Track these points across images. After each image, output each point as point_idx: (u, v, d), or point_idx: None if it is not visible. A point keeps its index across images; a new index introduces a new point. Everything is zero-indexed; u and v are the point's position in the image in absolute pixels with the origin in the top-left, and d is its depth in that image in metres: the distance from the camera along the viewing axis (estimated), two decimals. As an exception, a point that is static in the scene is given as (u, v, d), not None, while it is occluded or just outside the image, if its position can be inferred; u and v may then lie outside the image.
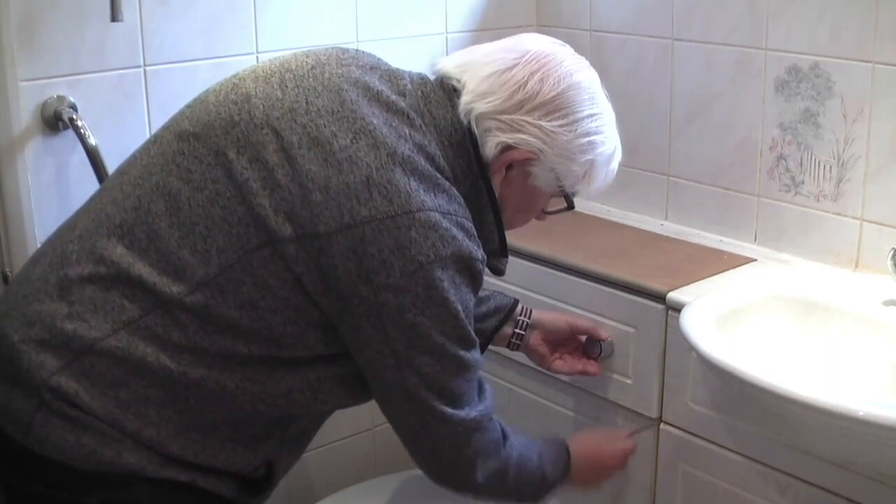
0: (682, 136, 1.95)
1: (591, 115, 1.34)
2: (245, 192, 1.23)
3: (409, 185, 1.23)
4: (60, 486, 1.24)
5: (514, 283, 1.90)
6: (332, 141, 1.23)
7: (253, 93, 1.28)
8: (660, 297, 1.67)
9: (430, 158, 1.27)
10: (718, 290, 1.66)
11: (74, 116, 1.62)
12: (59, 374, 1.22)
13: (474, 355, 1.32)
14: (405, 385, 1.27)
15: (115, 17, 1.58)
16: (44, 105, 1.62)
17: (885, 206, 1.68)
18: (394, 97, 1.30)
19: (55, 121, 1.63)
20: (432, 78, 1.36)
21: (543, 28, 2.13)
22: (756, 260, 1.81)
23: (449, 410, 1.29)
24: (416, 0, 1.99)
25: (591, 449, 1.60)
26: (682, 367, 1.65)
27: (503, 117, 1.30)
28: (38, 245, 1.66)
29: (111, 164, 1.63)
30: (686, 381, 1.65)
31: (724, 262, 1.80)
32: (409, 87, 1.33)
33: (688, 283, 1.69)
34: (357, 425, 2.13)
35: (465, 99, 1.31)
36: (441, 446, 1.33)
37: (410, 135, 1.27)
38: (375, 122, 1.25)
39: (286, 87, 1.28)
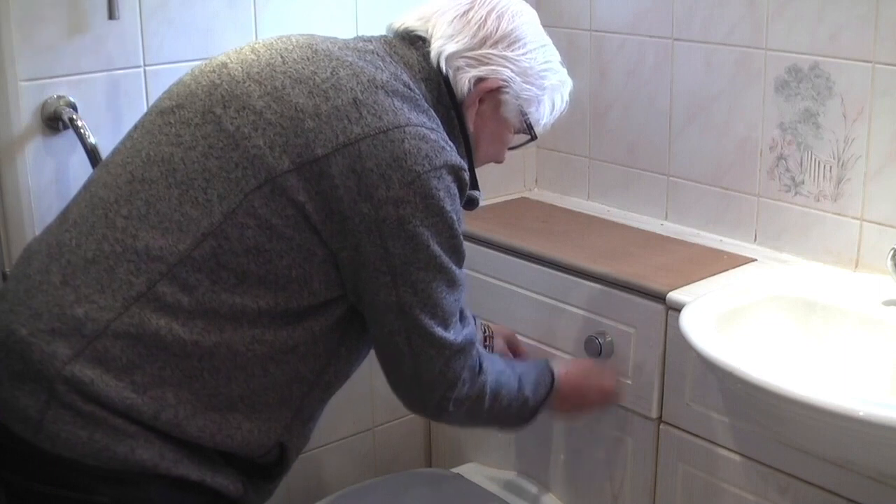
0: (682, 136, 1.95)
1: (544, 45, 1.47)
2: (238, 137, 1.27)
3: (394, 103, 1.30)
4: (72, 485, 1.24)
5: (515, 283, 1.91)
6: (313, 77, 1.30)
7: (227, 61, 1.36)
8: (660, 297, 1.67)
9: (407, 85, 1.35)
10: (718, 290, 1.66)
11: (74, 116, 1.62)
12: (72, 362, 1.22)
13: (462, 273, 1.37)
14: (400, 303, 1.31)
15: (112, 14, 1.58)
16: (44, 105, 1.62)
17: (885, 206, 1.68)
18: (361, 44, 1.40)
19: (55, 121, 1.63)
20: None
21: (543, 28, 2.12)
22: (756, 260, 1.81)
23: (438, 331, 1.33)
24: (415, 0, 1.99)
25: (576, 379, 1.64)
26: (682, 367, 1.65)
27: (471, 54, 1.40)
28: (38, 245, 1.66)
29: (111, 164, 1.63)
30: (686, 381, 1.65)
31: (724, 262, 1.80)
32: (372, 38, 1.43)
33: (688, 283, 1.69)
34: (357, 425, 2.13)
35: (435, 44, 1.40)
36: (423, 368, 1.36)
37: (384, 67, 1.35)
38: (350, 59, 1.34)
39: (258, 51, 1.36)
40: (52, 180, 1.66)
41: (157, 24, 1.70)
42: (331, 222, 1.27)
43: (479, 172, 1.48)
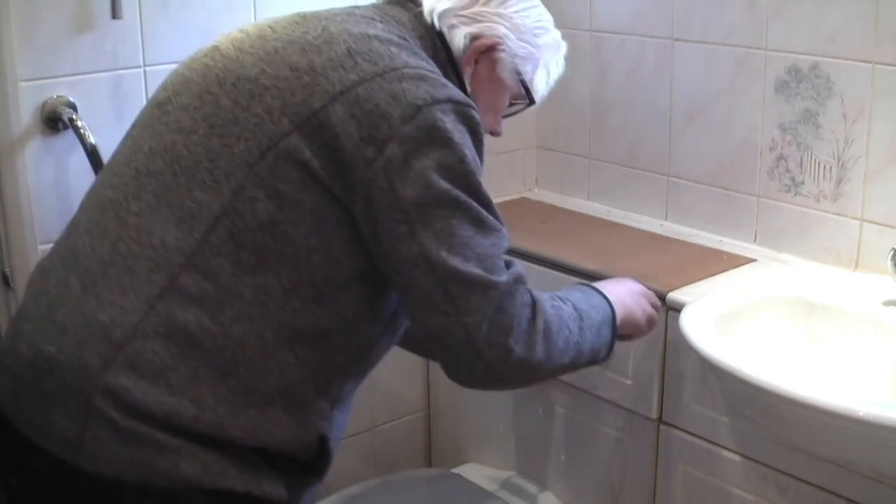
0: (682, 136, 1.95)
1: (535, 6, 1.45)
2: (236, 110, 1.24)
3: (390, 50, 1.27)
4: None
5: (514, 283, 1.91)
6: (304, 36, 1.28)
7: (219, 44, 1.34)
8: (660, 298, 1.66)
9: (402, 37, 1.32)
10: (718, 290, 1.66)
11: (74, 116, 1.62)
12: (105, 372, 1.17)
13: (492, 216, 1.26)
14: (422, 252, 1.21)
15: (115, 14, 1.58)
16: (44, 105, 1.62)
17: (885, 206, 1.68)
18: (349, 9, 1.37)
19: (55, 121, 1.63)
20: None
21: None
22: (756, 260, 1.81)
23: (475, 271, 1.22)
24: None
25: (625, 299, 1.50)
26: (682, 367, 1.65)
27: (464, 12, 1.38)
28: (39, 245, 1.66)
29: (111, 164, 1.63)
30: (686, 381, 1.65)
31: (723, 262, 1.80)
32: (360, 5, 1.41)
33: (688, 283, 1.69)
34: (357, 425, 2.13)
35: (427, 2, 1.38)
36: (474, 323, 1.23)
37: (375, 24, 1.33)
38: (339, 18, 1.32)
39: (247, 30, 1.34)
40: (52, 180, 1.66)
41: (157, 24, 1.70)
42: (339, 176, 1.21)
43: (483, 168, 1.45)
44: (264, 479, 1.24)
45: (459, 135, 1.24)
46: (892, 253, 1.56)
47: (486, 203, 1.26)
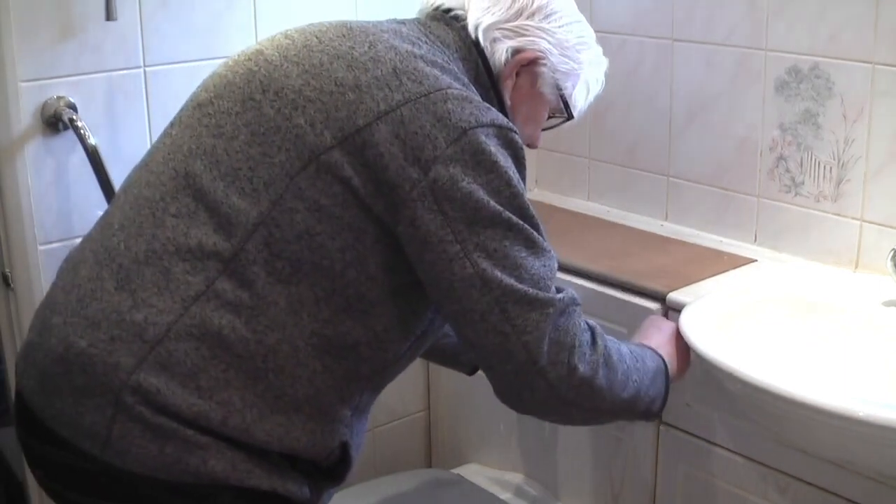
0: (682, 136, 1.95)
1: (579, 21, 1.45)
2: (279, 119, 1.24)
3: (434, 71, 1.27)
4: (142, 502, 1.21)
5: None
6: (351, 52, 1.27)
7: (262, 48, 1.33)
8: (659, 298, 1.67)
9: (447, 61, 1.32)
10: (718, 290, 1.66)
11: (74, 117, 1.62)
12: (137, 371, 1.17)
13: (543, 238, 1.27)
14: (477, 273, 1.21)
15: (109, 15, 1.58)
16: (44, 105, 1.62)
17: (885, 206, 1.68)
18: (395, 25, 1.36)
19: (55, 121, 1.63)
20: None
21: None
22: (756, 260, 1.81)
23: (531, 290, 1.23)
24: (417, 2, 1.99)
25: (673, 346, 1.51)
26: (682, 368, 1.65)
27: (507, 25, 1.38)
28: (39, 245, 1.66)
29: (111, 165, 1.63)
30: (686, 381, 1.65)
31: (723, 262, 1.80)
32: (405, 20, 1.40)
33: (688, 284, 1.69)
34: (357, 425, 2.13)
35: (472, 17, 1.38)
36: (533, 341, 1.23)
37: (420, 45, 1.32)
38: (386, 35, 1.31)
39: (292, 36, 1.33)
40: (52, 180, 1.66)
41: (157, 24, 1.70)
42: (380, 195, 1.22)
43: None
44: (288, 479, 1.25)
45: (504, 158, 1.24)
46: (892, 253, 1.56)
47: (535, 225, 1.27)
